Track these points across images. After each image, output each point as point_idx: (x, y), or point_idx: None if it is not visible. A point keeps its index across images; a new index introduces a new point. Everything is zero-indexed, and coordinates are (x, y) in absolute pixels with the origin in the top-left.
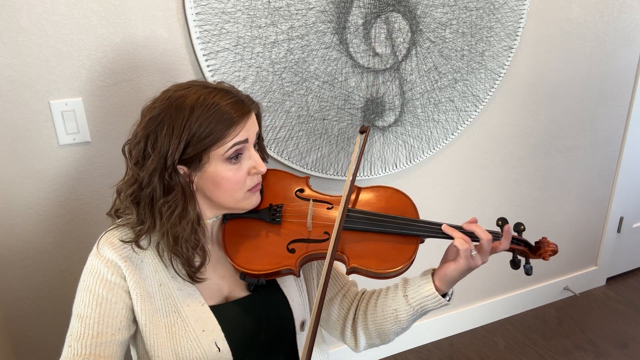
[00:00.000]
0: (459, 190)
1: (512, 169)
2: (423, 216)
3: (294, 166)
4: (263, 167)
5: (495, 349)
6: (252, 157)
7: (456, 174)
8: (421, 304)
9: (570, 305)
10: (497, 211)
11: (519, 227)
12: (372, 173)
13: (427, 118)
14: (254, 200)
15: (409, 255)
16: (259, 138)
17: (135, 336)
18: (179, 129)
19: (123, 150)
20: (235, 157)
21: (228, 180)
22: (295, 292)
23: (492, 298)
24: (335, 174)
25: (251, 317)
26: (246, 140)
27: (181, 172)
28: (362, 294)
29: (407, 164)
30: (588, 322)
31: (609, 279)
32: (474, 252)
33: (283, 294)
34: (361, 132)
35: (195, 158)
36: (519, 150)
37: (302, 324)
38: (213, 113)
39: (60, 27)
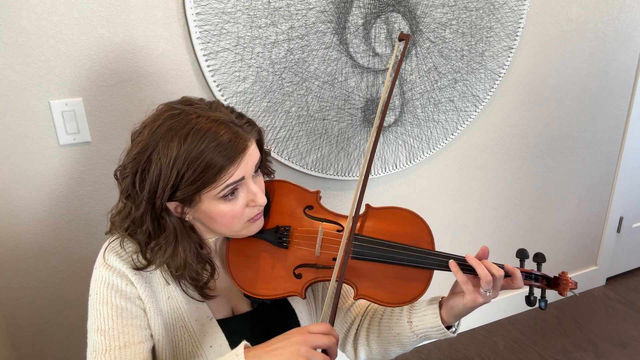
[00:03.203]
0: (459, 190)
1: (511, 169)
2: (424, 216)
3: (294, 166)
4: (262, 200)
5: (495, 349)
6: (250, 190)
7: (456, 174)
8: (425, 333)
9: (570, 305)
10: (497, 211)
11: (537, 259)
12: (372, 173)
13: (427, 118)
14: (254, 228)
15: (420, 289)
16: (262, 155)
17: None
18: (167, 170)
19: (115, 176)
20: (231, 193)
21: (224, 215)
22: (303, 304)
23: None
24: (335, 174)
25: (259, 331)
26: (242, 178)
27: (172, 207)
28: (367, 308)
29: (407, 164)
30: (588, 322)
31: (609, 279)
32: (489, 293)
33: (291, 307)
34: (399, 40)
35: (186, 199)
36: (518, 150)
37: None
38: (203, 152)
39: (60, 27)
